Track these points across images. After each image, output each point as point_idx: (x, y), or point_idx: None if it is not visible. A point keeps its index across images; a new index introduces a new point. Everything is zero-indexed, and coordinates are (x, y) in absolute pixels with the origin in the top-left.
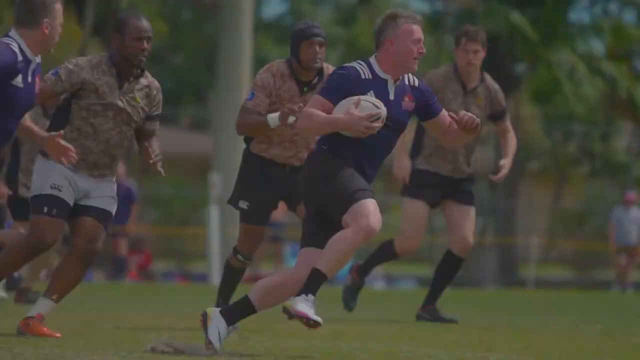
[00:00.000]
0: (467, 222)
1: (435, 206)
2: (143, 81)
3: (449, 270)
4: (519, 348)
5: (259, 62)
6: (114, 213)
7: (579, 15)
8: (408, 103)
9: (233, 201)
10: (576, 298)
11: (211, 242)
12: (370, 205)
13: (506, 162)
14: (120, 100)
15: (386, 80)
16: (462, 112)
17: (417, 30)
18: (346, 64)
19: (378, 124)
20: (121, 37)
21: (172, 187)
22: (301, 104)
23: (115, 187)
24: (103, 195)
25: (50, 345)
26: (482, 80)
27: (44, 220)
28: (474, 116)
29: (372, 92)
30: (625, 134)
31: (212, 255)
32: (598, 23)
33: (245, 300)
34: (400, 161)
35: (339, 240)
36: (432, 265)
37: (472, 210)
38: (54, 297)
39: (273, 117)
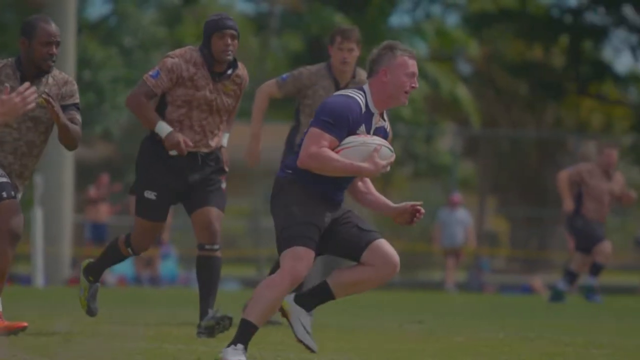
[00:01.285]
0: None
1: None
2: (50, 81)
3: None
4: (345, 349)
5: (83, 62)
6: None
7: (401, 18)
8: None
9: (137, 192)
10: (401, 298)
11: (35, 244)
12: (300, 252)
13: None
14: None
15: (373, 115)
16: (422, 211)
17: (413, 65)
18: (349, 94)
19: (388, 169)
20: (29, 41)
21: None
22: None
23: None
24: None
25: None
26: (354, 76)
27: (9, 203)
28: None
29: (363, 125)
30: (448, 135)
31: (36, 257)
32: (421, 26)
33: (325, 287)
34: (252, 147)
35: (267, 288)
36: (256, 268)
37: None
38: None
39: (164, 129)
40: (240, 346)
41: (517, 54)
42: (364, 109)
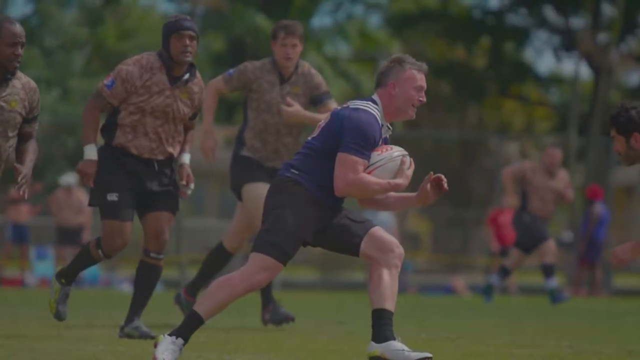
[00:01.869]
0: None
1: None
2: (16, 83)
3: (217, 263)
4: (265, 349)
5: None
6: None
7: (322, 19)
8: None
9: (98, 198)
10: (321, 299)
11: None
12: (269, 264)
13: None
14: None
15: (383, 126)
16: (442, 177)
17: (421, 79)
18: (369, 109)
19: None
20: None
21: None
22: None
23: None
24: None
25: None
26: (296, 68)
27: None
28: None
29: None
30: None
31: None
32: (343, 27)
33: (381, 311)
34: (207, 143)
35: (222, 287)
36: (179, 269)
37: None
38: None
39: (89, 153)
40: (180, 341)
41: (439, 54)
42: (381, 124)
